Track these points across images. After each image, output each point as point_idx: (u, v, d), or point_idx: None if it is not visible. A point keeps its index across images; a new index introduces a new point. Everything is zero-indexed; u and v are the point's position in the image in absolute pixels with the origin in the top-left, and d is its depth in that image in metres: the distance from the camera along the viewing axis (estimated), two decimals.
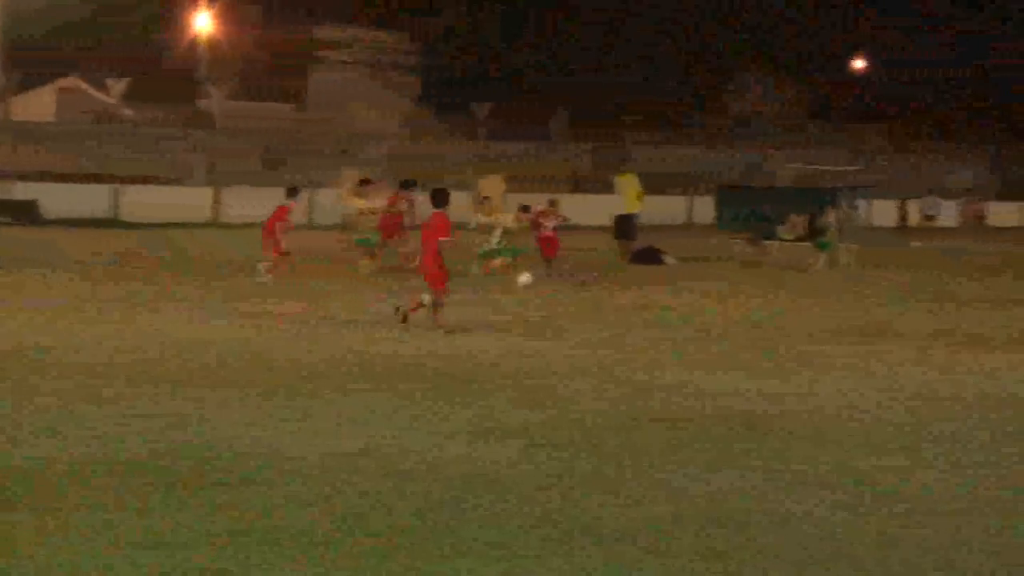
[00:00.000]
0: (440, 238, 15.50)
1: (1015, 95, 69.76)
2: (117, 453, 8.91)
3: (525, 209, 22.85)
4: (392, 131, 55.07)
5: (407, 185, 25.12)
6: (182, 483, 8.10)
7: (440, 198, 15.94)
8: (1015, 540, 7.45)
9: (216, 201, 41.09)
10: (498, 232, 22.31)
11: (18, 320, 16.26)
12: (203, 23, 48.97)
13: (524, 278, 21.51)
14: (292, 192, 23.22)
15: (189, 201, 40.91)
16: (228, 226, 38.00)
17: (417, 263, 17.91)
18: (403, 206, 24.61)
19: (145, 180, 42.67)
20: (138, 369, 12.59)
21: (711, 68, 67.37)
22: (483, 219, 22.92)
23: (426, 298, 15.35)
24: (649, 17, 68.15)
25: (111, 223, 37.53)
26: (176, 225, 36.51)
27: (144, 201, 39.66)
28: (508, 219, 22.54)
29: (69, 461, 8.63)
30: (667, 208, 43.91)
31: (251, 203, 39.35)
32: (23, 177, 40.42)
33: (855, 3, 70.65)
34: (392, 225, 24.44)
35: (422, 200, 24.64)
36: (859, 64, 68.26)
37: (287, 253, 22.18)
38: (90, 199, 39.30)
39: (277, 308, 18.31)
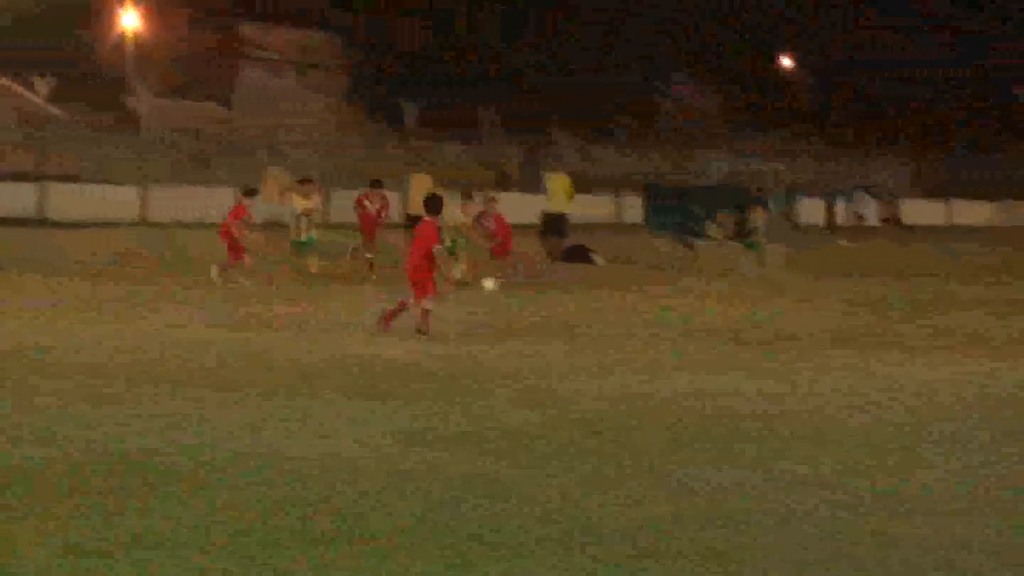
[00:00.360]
0: (433, 245, 15.32)
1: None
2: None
3: (469, 196, 22.85)
4: (320, 130, 54.69)
5: (376, 184, 25.33)
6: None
7: (433, 206, 15.76)
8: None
9: (144, 200, 40.72)
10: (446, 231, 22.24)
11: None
12: (130, 21, 48.63)
13: (489, 283, 21.35)
14: (250, 192, 23.02)
15: (117, 200, 40.40)
16: (157, 225, 37.71)
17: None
18: (377, 204, 24.79)
19: (72, 179, 42.25)
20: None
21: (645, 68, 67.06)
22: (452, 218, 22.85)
23: (427, 303, 15.27)
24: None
25: (38, 222, 37.15)
26: (105, 224, 36.00)
27: (71, 200, 39.17)
28: (458, 216, 22.38)
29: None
30: (595, 207, 43.68)
31: (180, 202, 39.25)
32: None
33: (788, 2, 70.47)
34: (371, 224, 24.58)
35: (391, 196, 24.99)
36: (787, 63, 67.95)
37: (246, 251, 21.83)
38: (16, 198, 38.81)
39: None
